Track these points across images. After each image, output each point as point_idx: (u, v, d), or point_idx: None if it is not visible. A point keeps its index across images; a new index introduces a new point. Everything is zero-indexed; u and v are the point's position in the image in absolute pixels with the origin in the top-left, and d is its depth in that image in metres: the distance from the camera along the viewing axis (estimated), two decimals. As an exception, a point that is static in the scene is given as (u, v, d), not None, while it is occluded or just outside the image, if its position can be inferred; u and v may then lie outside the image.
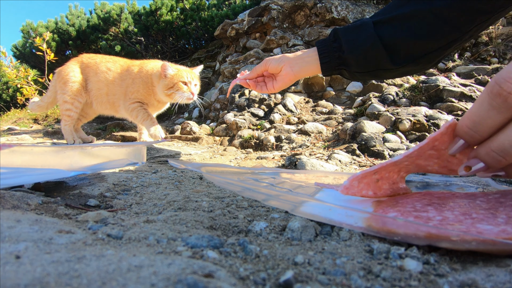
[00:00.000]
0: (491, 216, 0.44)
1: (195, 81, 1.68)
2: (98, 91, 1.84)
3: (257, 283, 0.31)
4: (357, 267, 0.35)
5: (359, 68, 0.85)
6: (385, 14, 0.81)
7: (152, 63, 1.77)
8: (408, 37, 0.77)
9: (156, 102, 1.78)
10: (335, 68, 0.88)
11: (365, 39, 0.80)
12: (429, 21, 0.75)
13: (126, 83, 1.77)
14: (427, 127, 1.62)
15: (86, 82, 1.87)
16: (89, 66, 1.86)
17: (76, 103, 1.85)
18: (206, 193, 0.73)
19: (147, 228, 0.44)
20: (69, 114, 1.87)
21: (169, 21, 4.73)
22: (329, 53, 0.86)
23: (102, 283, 0.26)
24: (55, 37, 5.04)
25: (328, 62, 0.87)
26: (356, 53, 0.82)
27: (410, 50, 0.79)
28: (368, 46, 0.80)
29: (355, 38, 0.81)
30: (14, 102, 5.75)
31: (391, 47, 0.79)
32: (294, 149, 1.69)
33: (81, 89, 1.86)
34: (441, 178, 0.79)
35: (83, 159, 0.72)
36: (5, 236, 0.36)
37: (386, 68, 0.83)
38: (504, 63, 2.68)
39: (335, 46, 0.85)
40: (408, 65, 0.82)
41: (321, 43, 0.89)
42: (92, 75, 1.85)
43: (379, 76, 0.90)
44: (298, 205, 0.49)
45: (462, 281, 0.31)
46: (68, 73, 1.85)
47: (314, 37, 3.31)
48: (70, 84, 1.82)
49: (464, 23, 0.74)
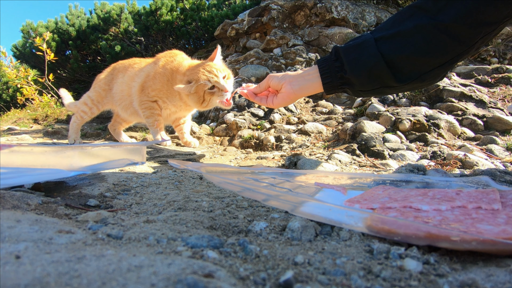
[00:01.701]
0: (491, 216, 0.44)
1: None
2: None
3: (257, 283, 0.31)
4: (357, 267, 0.35)
5: (363, 87, 0.83)
6: (387, 30, 0.78)
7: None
8: (412, 53, 0.74)
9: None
10: (338, 87, 0.85)
11: (368, 58, 0.77)
12: (433, 36, 0.72)
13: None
14: (427, 127, 1.62)
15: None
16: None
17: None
18: (206, 193, 0.73)
19: (147, 228, 0.44)
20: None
21: (169, 21, 4.73)
22: (331, 73, 0.83)
23: (102, 283, 0.26)
24: (55, 37, 5.04)
25: (331, 82, 0.84)
26: (359, 73, 0.79)
27: (415, 66, 0.77)
28: (371, 66, 0.77)
29: (357, 57, 0.79)
30: (14, 102, 5.75)
31: (395, 64, 0.77)
32: (294, 149, 1.69)
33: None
34: (441, 178, 0.79)
35: (83, 159, 0.72)
36: (5, 236, 0.36)
37: (391, 86, 0.81)
38: (504, 63, 2.68)
39: (337, 66, 0.82)
40: (414, 82, 0.79)
41: (323, 62, 0.86)
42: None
43: (384, 93, 0.89)
44: (298, 205, 0.49)
45: (462, 281, 0.31)
46: None
47: (314, 37, 3.31)
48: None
49: (470, 37, 0.72)
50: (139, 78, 1.72)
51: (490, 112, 1.87)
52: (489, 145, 1.43)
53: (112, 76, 1.87)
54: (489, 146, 1.42)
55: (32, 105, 4.15)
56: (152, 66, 1.70)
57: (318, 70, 0.86)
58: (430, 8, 0.73)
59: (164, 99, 1.65)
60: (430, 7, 0.73)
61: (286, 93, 0.91)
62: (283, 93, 0.92)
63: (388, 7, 3.70)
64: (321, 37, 3.29)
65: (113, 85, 1.84)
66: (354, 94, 0.89)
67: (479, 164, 1.14)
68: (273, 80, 0.94)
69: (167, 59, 1.67)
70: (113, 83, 1.84)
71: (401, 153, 1.34)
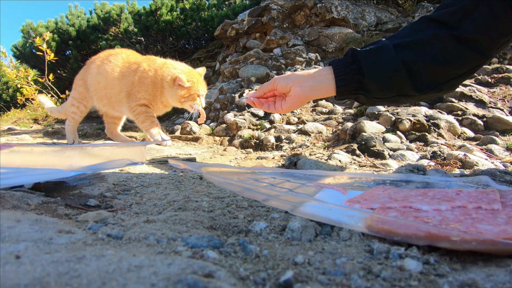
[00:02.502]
0: (491, 216, 0.44)
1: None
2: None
3: (257, 283, 0.31)
4: (357, 267, 0.35)
5: (379, 94, 0.77)
6: (404, 37, 0.75)
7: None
8: (431, 62, 0.72)
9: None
10: (352, 92, 0.79)
11: (388, 63, 0.73)
12: (452, 47, 0.71)
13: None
14: (427, 127, 1.62)
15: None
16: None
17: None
18: (206, 193, 0.73)
19: (147, 228, 0.44)
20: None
21: (169, 21, 4.73)
22: (347, 75, 0.77)
23: (102, 283, 0.26)
24: (55, 37, 5.04)
25: (345, 86, 0.77)
26: (378, 78, 0.74)
27: (433, 76, 0.74)
28: (391, 71, 0.73)
29: (376, 61, 0.74)
30: (14, 102, 5.75)
31: (413, 72, 0.73)
32: (294, 149, 1.69)
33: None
34: (441, 178, 0.79)
35: (83, 159, 0.72)
36: (5, 236, 0.36)
37: (408, 95, 0.77)
38: (504, 63, 2.68)
39: (353, 68, 0.76)
40: (431, 91, 0.76)
41: (338, 63, 0.79)
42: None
43: (399, 102, 0.84)
44: (298, 205, 0.49)
45: (462, 281, 0.31)
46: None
47: (314, 37, 3.31)
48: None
49: (488, 48, 0.70)
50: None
51: (490, 112, 1.87)
52: (489, 145, 1.43)
53: (85, 71, 1.91)
54: (489, 146, 1.42)
55: (32, 105, 4.15)
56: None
57: (333, 72, 0.78)
58: (447, 21, 0.71)
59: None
60: (447, 20, 0.71)
61: (295, 95, 0.82)
62: (292, 96, 0.83)
63: (388, 7, 3.70)
64: (321, 37, 3.29)
65: (86, 77, 1.87)
66: (367, 102, 0.83)
67: (479, 164, 1.14)
68: (280, 82, 0.85)
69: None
70: (86, 75, 1.87)
71: (401, 153, 1.34)
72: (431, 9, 3.17)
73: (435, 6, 3.19)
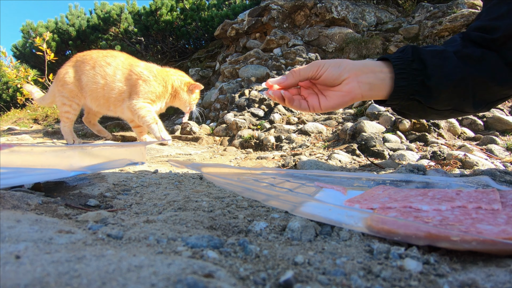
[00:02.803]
0: (491, 216, 0.44)
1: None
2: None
3: (257, 283, 0.31)
4: (357, 267, 0.35)
5: (438, 104, 0.66)
6: (457, 46, 0.67)
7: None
8: (488, 79, 0.66)
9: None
10: (408, 97, 0.66)
11: (453, 70, 0.63)
12: (500, 67, 0.66)
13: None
14: (427, 127, 1.62)
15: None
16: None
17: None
18: (206, 193, 0.73)
19: (147, 228, 0.44)
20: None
21: (169, 21, 4.73)
22: (409, 75, 0.63)
23: (102, 283, 0.26)
24: (55, 37, 5.04)
25: (405, 87, 0.64)
26: (444, 84, 0.63)
27: (488, 94, 0.68)
28: (457, 79, 0.63)
29: (442, 64, 0.63)
30: (14, 102, 5.75)
31: (474, 86, 0.66)
32: (294, 149, 1.69)
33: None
34: (441, 178, 0.79)
35: (83, 159, 0.72)
36: (5, 236, 0.36)
37: (462, 111, 0.69)
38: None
39: (415, 68, 0.63)
40: (483, 109, 0.70)
41: (396, 59, 0.64)
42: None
43: (448, 117, 0.74)
44: (298, 205, 0.49)
45: (462, 281, 0.31)
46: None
47: (314, 37, 3.31)
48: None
49: None
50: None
51: (490, 112, 1.87)
52: (489, 145, 1.43)
53: (75, 69, 1.94)
54: (489, 146, 1.42)
55: (32, 105, 4.15)
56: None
57: (392, 69, 0.64)
58: (489, 45, 0.67)
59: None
60: (488, 43, 0.67)
61: (349, 93, 0.64)
62: (344, 93, 0.64)
63: (388, 7, 3.70)
64: (321, 37, 3.29)
65: (80, 76, 1.90)
66: (417, 112, 0.71)
67: (479, 164, 1.14)
68: (329, 69, 0.64)
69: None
70: (80, 75, 1.91)
71: (401, 153, 1.35)
72: (431, 9, 3.16)
73: (435, 6, 3.19)
